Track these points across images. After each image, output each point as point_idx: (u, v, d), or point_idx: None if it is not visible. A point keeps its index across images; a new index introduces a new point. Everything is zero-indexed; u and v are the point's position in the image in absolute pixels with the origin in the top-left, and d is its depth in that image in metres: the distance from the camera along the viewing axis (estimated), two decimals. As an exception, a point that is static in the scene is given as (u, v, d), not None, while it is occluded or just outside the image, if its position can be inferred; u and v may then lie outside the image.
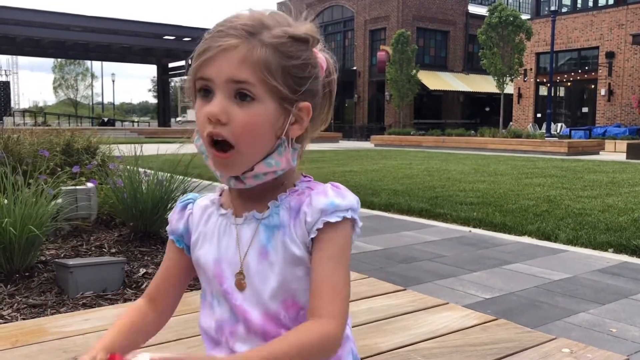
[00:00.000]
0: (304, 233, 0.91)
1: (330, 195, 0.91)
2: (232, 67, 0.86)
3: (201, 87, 0.88)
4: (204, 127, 0.88)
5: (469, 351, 1.41)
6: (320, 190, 0.93)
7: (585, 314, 3.20)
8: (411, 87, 29.51)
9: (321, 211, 0.89)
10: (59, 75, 69.26)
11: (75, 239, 3.15)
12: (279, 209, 0.93)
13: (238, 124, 0.86)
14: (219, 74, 0.86)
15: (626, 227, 5.44)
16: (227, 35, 0.86)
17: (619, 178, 10.25)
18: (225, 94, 0.86)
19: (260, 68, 0.86)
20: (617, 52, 26.15)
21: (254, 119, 0.87)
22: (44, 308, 2.22)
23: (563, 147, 18.26)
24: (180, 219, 1.03)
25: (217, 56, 0.86)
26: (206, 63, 0.86)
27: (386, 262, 4.34)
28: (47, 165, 3.56)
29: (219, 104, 0.86)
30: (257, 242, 0.93)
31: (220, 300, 0.97)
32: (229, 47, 0.86)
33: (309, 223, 0.90)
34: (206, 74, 0.87)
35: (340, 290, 0.88)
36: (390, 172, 11.49)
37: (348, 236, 0.91)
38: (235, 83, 0.86)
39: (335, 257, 0.89)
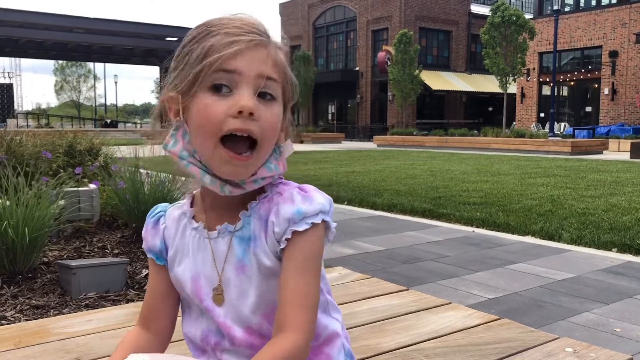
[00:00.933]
0: (274, 243, 0.88)
1: (297, 202, 0.88)
2: (263, 63, 0.85)
3: (218, 81, 0.83)
4: (224, 124, 0.82)
5: (472, 351, 1.40)
6: (287, 196, 0.89)
7: (589, 313, 3.19)
8: (414, 87, 29.49)
9: (288, 220, 0.87)
10: (61, 77, 69.41)
11: (78, 240, 3.16)
12: (250, 218, 0.91)
13: (266, 121, 0.84)
14: (251, 68, 0.83)
15: (630, 227, 5.42)
16: (252, 32, 0.85)
17: (622, 177, 10.22)
18: (253, 89, 0.83)
19: (281, 69, 0.88)
20: (621, 51, 26.08)
21: (276, 118, 0.87)
22: (47, 309, 2.23)
23: (566, 147, 18.22)
24: (156, 234, 0.99)
25: (246, 50, 0.83)
26: (234, 56, 0.83)
27: (389, 263, 4.33)
28: (50, 167, 3.57)
29: (251, 98, 0.83)
30: (233, 256, 0.91)
31: (203, 316, 0.95)
32: (260, 43, 0.85)
33: (277, 233, 0.88)
34: (234, 66, 0.83)
35: (307, 300, 0.86)
36: (393, 172, 11.48)
37: (318, 241, 0.89)
38: (264, 79, 0.84)
39: (303, 266, 0.87)
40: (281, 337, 0.85)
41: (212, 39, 0.84)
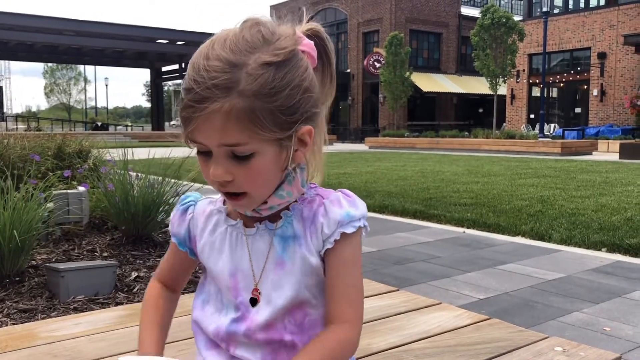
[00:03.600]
0: (320, 243, 0.93)
1: (344, 206, 0.93)
2: (219, 132, 0.82)
3: (198, 147, 0.87)
4: (211, 183, 0.89)
5: (462, 351, 1.40)
6: (334, 199, 0.94)
7: (579, 313, 3.20)
8: (405, 89, 29.57)
9: (338, 222, 0.92)
10: (50, 80, 69.00)
11: (67, 243, 3.13)
12: (292, 219, 0.94)
13: (243, 180, 0.86)
14: (210, 141, 0.84)
15: (619, 227, 5.46)
16: (203, 100, 0.81)
17: (612, 178, 10.29)
18: (223, 155, 0.85)
19: (247, 124, 0.82)
20: (609, 52, 26.30)
21: (257, 171, 0.86)
22: (35, 313, 2.21)
23: (556, 148, 18.33)
24: (182, 223, 1.02)
25: (201, 125, 0.83)
26: (194, 132, 0.84)
27: (380, 264, 4.33)
28: (39, 170, 3.54)
29: (220, 166, 0.85)
30: (274, 254, 0.94)
31: (230, 309, 0.96)
32: (209, 113, 0.81)
33: (325, 234, 0.92)
34: (198, 140, 0.85)
35: (356, 296, 0.93)
36: (385, 174, 11.50)
37: (359, 242, 0.95)
38: (228, 146, 0.84)
39: (351, 264, 0.93)
40: (332, 329, 0.91)
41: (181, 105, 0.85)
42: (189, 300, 1.62)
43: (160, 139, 27.23)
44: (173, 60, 38.08)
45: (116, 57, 38.00)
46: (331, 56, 0.98)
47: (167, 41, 35.20)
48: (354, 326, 0.92)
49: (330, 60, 0.97)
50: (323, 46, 0.96)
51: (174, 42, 35.11)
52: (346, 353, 0.92)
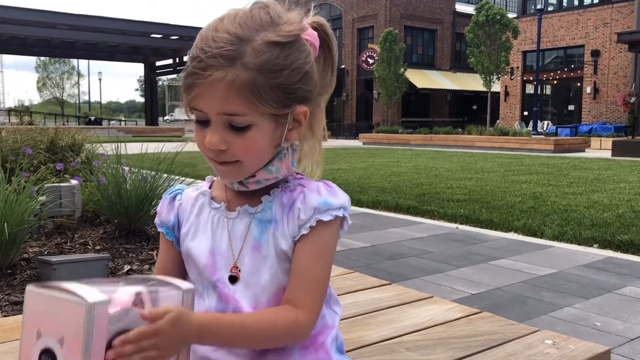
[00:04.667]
0: (295, 228, 0.94)
1: (323, 194, 0.95)
2: (220, 100, 0.86)
3: (196, 116, 0.90)
4: (205, 152, 0.91)
5: (453, 343, 1.41)
6: (314, 187, 0.96)
7: (570, 308, 3.23)
8: (399, 85, 29.61)
9: (315, 209, 0.93)
10: (43, 74, 68.54)
11: (60, 237, 3.12)
12: (272, 203, 0.96)
13: (238, 149, 0.89)
14: (210, 108, 0.87)
15: (611, 223, 5.49)
16: (208, 67, 0.85)
17: (604, 175, 10.34)
18: (220, 124, 0.88)
19: (247, 96, 0.86)
20: (603, 50, 26.41)
21: (252, 142, 0.89)
22: (26, 305, 2.19)
23: (549, 145, 18.41)
24: (171, 210, 1.04)
25: (203, 92, 0.86)
26: (195, 98, 0.87)
27: (373, 259, 4.34)
28: (31, 163, 3.52)
29: (216, 134, 0.88)
30: (251, 236, 0.96)
31: (209, 290, 0.98)
32: (213, 80, 0.85)
33: (301, 219, 0.94)
34: (198, 107, 0.88)
35: (319, 285, 0.94)
36: (378, 169, 11.51)
37: (335, 234, 0.96)
38: (227, 115, 0.87)
39: (320, 254, 0.94)
40: (287, 309, 0.91)
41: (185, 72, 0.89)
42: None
43: (154, 134, 27.14)
44: (167, 55, 37.90)
45: (110, 51, 37.76)
46: (333, 49, 1.03)
47: (161, 36, 35.01)
48: (308, 313, 0.91)
49: (332, 52, 1.02)
50: (326, 39, 1.01)
51: (168, 37, 34.94)
52: (296, 336, 0.92)
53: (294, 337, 0.92)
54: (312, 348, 0.98)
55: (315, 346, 0.98)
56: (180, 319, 0.78)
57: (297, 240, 0.94)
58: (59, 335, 0.72)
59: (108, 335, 0.72)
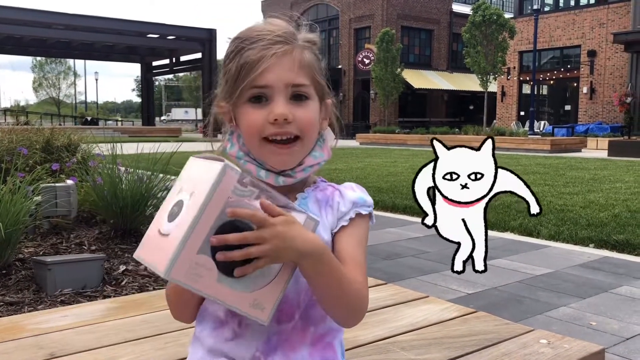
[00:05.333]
0: (334, 221, 1.02)
1: (358, 191, 1.05)
2: (290, 72, 0.95)
3: (254, 94, 0.95)
4: (263, 129, 0.95)
5: (448, 343, 1.42)
6: (348, 186, 1.06)
7: (566, 308, 3.23)
8: (396, 85, 29.60)
9: (353, 203, 1.02)
10: (39, 74, 68.28)
11: (55, 237, 3.11)
12: (306, 200, 1.02)
13: (302, 120, 0.96)
14: (279, 80, 0.95)
15: (607, 223, 5.50)
16: (276, 43, 0.94)
17: (600, 175, 10.37)
18: (285, 96, 0.95)
19: (310, 69, 0.98)
20: (599, 50, 26.46)
21: (312, 114, 0.98)
22: (21, 306, 2.19)
23: (546, 145, 18.43)
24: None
25: (274, 64, 0.94)
26: (261, 74, 0.93)
27: (370, 259, 4.32)
28: (26, 163, 3.51)
29: (284, 105, 0.95)
30: None
31: None
32: (283, 53, 0.95)
33: (341, 212, 1.02)
34: (265, 82, 0.94)
35: (363, 268, 1.00)
36: (375, 170, 11.52)
37: (368, 226, 1.05)
38: (294, 86, 0.96)
39: (360, 242, 1.02)
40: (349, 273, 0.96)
41: (244, 55, 0.95)
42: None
43: (151, 134, 27.07)
44: (164, 55, 37.85)
45: (106, 51, 37.70)
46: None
47: (157, 36, 34.96)
48: (366, 290, 0.98)
49: None
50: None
51: (164, 37, 34.89)
52: (360, 301, 0.97)
53: (361, 307, 0.97)
54: (320, 346, 1.00)
55: (323, 345, 1.01)
56: (293, 223, 0.85)
57: (337, 232, 1.01)
58: (193, 190, 0.83)
59: (226, 202, 0.80)
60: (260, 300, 0.87)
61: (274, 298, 0.88)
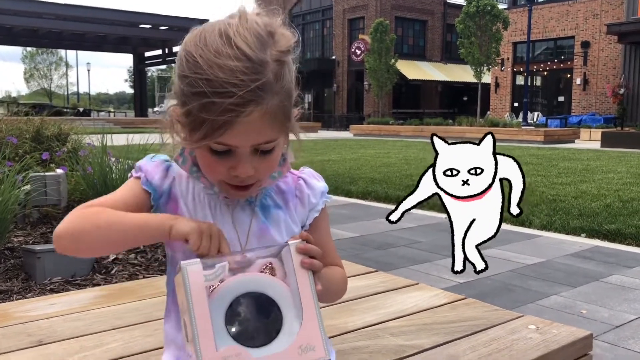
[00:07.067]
0: (305, 212, 1.04)
1: (320, 179, 1.07)
2: (255, 133, 0.85)
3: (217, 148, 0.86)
4: (223, 177, 0.90)
5: (437, 329, 1.42)
6: (309, 174, 1.07)
7: (557, 296, 3.25)
8: (390, 76, 29.57)
9: (322, 193, 1.05)
10: (30, 65, 67.75)
11: (45, 226, 3.09)
12: (269, 191, 1.01)
13: (265, 170, 0.92)
14: (244, 143, 0.86)
15: (599, 213, 5.53)
16: (247, 103, 0.81)
17: (592, 165, 10.41)
18: (249, 152, 0.88)
19: (280, 121, 0.87)
20: (592, 41, 26.50)
21: (275, 161, 0.93)
22: (10, 294, 2.18)
23: (539, 136, 18.49)
24: (165, 178, 0.99)
25: (238, 128, 0.83)
26: (227, 135, 0.84)
27: (362, 249, 4.35)
28: (16, 152, 3.48)
29: (248, 164, 0.88)
30: (257, 222, 0.98)
31: None
32: (251, 117, 0.83)
33: (312, 203, 1.04)
34: (230, 143, 0.85)
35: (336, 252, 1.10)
36: (369, 161, 11.52)
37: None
38: (260, 144, 0.87)
39: (328, 228, 1.09)
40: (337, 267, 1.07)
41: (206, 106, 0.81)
42: (161, 282, 1.61)
43: (143, 125, 26.90)
44: (156, 46, 37.57)
45: (98, 41, 37.38)
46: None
47: (150, 26, 34.71)
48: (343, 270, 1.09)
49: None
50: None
51: (157, 27, 34.64)
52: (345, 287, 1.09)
53: (345, 288, 1.09)
54: None
55: None
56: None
57: (311, 224, 1.04)
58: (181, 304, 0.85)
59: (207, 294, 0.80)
60: (305, 342, 0.85)
61: (316, 331, 0.86)
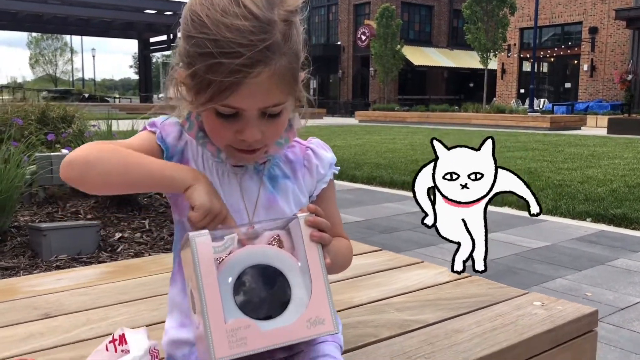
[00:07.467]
0: (313, 183, 1.02)
1: (328, 150, 1.06)
2: (263, 95, 0.82)
3: (223, 110, 0.84)
4: (230, 141, 0.88)
5: (442, 304, 1.42)
6: (318, 144, 1.05)
7: (561, 279, 3.25)
8: (395, 62, 29.40)
9: (330, 164, 1.04)
10: (35, 51, 67.69)
11: (51, 206, 3.12)
12: (277, 161, 0.99)
13: (272, 134, 0.90)
14: (252, 106, 0.83)
15: (604, 197, 5.51)
16: (255, 63, 0.79)
17: (599, 151, 10.35)
18: (258, 118, 0.85)
19: (288, 82, 0.84)
20: (600, 27, 26.23)
21: (282, 125, 0.91)
22: (17, 270, 2.20)
23: (545, 122, 18.39)
24: (179, 141, 0.96)
25: (245, 90, 0.80)
26: (233, 97, 0.81)
27: (367, 232, 4.35)
28: (21, 134, 3.49)
29: (255, 128, 0.85)
30: (265, 191, 0.97)
31: None
32: (259, 77, 0.80)
33: (320, 174, 1.02)
34: (237, 105, 0.83)
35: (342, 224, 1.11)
36: (374, 146, 11.49)
37: None
38: (268, 107, 0.85)
39: (335, 199, 1.08)
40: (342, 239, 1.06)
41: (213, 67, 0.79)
42: (167, 259, 1.61)
43: (149, 111, 26.87)
44: (161, 31, 37.44)
45: (103, 27, 37.28)
46: None
47: (155, 11, 34.58)
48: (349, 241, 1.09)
49: None
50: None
51: (162, 13, 34.49)
52: (351, 258, 1.08)
53: (351, 258, 1.08)
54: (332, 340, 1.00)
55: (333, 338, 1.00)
56: None
57: (318, 195, 1.03)
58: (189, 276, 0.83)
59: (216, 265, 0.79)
60: (314, 315, 0.83)
61: (325, 304, 0.84)
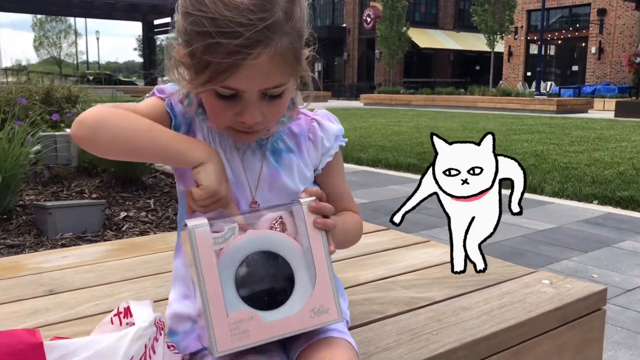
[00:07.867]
0: (318, 156, 0.99)
1: (335, 122, 1.02)
2: (263, 76, 0.80)
3: (223, 92, 0.82)
4: (230, 122, 0.86)
5: (449, 282, 1.41)
6: (323, 115, 1.01)
7: (568, 261, 3.24)
8: (401, 44, 29.15)
9: (336, 136, 1.00)
10: (40, 33, 67.46)
11: (56, 186, 3.12)
12: (281, 134, 0.96)
13: (273, 116, 0.87)
14: (252, 88, 0.81)
15: (611, 180, 5.48)
16: (255, 44, 0.76)
17: (606, 134, 10.28)
18: (256, 97, 0.83)
19: (290, 63, 0.81)
20: (609, 9, 25.90)
21: (283, 105, 0.88)
22: (22, 248, 2.21)
23: (552, 105, 18.26)
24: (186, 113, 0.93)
25: (244, 71, 0.78)
26: (232, 78, 0.78)
27: (372, 214, 4.35)
28: (26, 114, 3.48)
29: (256, 110, 0.83)
30: (268, 165, 0.94)
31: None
32: (258, 58, 0.77)
33: (325, 147, 0.99)
34: (237, 87, 0.80)
35: (351, 196, 1.08)
36: (379, 129, 11.45)
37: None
38: (268, 89, 0.82)
39: (343, 173, 1.06)
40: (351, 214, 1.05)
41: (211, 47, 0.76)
42: (172, 237, 1.60)
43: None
44: (166, 13, 37.20)
45: (107, 9, 37.08)
46: None
47: (159, -7, 34.32)
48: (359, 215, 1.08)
49: None
50: None
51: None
52: (360, 233, 1.07)
53: (361, 231, 1.07)
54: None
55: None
56: None
57: (324, 168, 1.00)
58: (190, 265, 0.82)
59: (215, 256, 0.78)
60: (318, 305, 0.83)
61: (329, 293, 0.83)
